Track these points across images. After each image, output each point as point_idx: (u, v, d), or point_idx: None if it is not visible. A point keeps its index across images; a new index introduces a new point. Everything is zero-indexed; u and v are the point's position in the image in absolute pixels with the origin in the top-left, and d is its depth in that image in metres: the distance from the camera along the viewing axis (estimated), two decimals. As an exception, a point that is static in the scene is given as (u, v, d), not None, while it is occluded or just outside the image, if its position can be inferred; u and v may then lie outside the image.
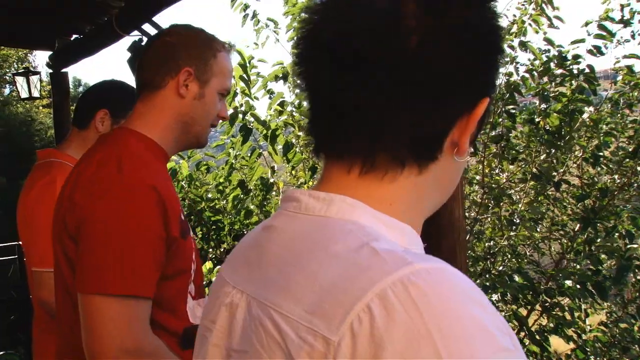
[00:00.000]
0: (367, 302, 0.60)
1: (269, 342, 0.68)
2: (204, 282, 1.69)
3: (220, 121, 1.86)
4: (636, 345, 4.15)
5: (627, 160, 4.49)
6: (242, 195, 6.09)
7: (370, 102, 0.74)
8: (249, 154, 5.85)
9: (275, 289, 0.72)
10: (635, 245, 4.44)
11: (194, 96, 1.73)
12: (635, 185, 4.73)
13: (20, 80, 6.28)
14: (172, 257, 1.61)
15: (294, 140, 5.59)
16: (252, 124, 5.51)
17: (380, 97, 0.74)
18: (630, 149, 4.46)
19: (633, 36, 4.24)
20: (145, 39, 3.68)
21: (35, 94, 5.94)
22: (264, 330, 0.70)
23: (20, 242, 2.61)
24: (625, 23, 4.17)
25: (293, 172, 6.00)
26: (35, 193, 2.47)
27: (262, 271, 0.78)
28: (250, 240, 0.88)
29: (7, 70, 18.27)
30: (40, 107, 15.62)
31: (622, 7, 4.15)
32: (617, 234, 4.38)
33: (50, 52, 5.15)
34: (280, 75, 5.58)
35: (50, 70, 5.25)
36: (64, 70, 5.25)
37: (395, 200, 0.78)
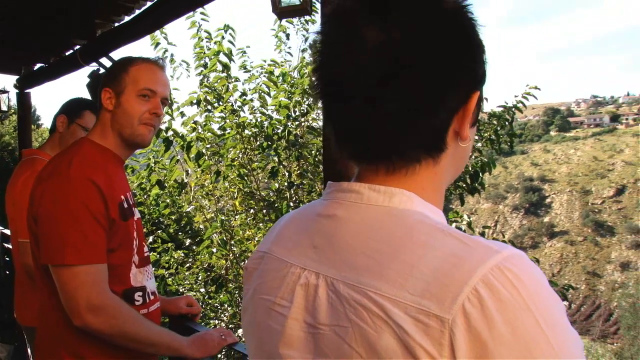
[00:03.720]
0: (473, 285, 0.59)
1: (373, 319, 0.63)
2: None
3: (159, 117, 1.82)
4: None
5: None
6: (160, 192, 6.26)
7: (379, 125, 0.70)
8: (169, 160, 6.06)
9: (369, 274, 0.66)
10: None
11: (114, 106, 1.75)
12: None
13: (-9, 98, 6.20)
14: (114, 234, 1.64)
15: (203, 151, 5.86)
16: (172, 137, 5.80)
17: (388, 119, 0.70)
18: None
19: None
20: (102, 70, 3.87)
21: (4, 108, 5.89)
22: (364, 309, 0.64)
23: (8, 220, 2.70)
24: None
25: (200, 174, 6.17)
26: (21, 182, 2.54)
27: (341, 256, 0.71)
28: (308, 226, 0.79)
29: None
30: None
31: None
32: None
33: (17, 77, 5.14)
34: (194, 101, 5.85)
35: (17, 91, 5.26)
36: (27, 90, 5.26)
37: (425, 187, 0.75)
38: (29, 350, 2.85)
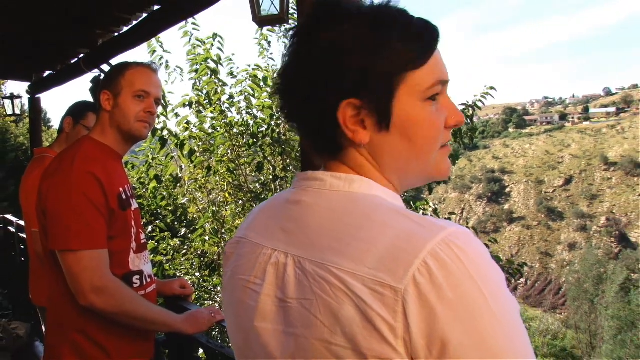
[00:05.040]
0: (423, 258, 0.60)
1: (334, 292, 0.64)
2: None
3: (154, 115, 1.82)
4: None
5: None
6: (157, 186, 6.24)
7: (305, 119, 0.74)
8: (164, 157, 6.04)
9: (332, 252, 0.67)
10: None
11: (112, 107, 1.74)
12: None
13: (7, 102, 6.16)
14: (113, 223, 1.64)
15: (195, 148, 5.84)
16: (166, 136, 5.78)
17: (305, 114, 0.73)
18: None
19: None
20: (103, 75, 3.84)
21: (17, 112, 5.84)
22: (327, 283, 0.65)
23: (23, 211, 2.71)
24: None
25: (193, 170, 6.18)
26: (33, 177, 2.52)
27: (308, 237, 0.71)
28: (278, 212, 0.80)
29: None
30: (9, 122, 14.27)
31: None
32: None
33: (28, 83, 5.12)
34: (187, 103, 5.83)
35: (29, 96, 5.23)
36: (37, 95, 5.23)
37: (373, 175, 0.75)
38: (43, 328, 2.85)
